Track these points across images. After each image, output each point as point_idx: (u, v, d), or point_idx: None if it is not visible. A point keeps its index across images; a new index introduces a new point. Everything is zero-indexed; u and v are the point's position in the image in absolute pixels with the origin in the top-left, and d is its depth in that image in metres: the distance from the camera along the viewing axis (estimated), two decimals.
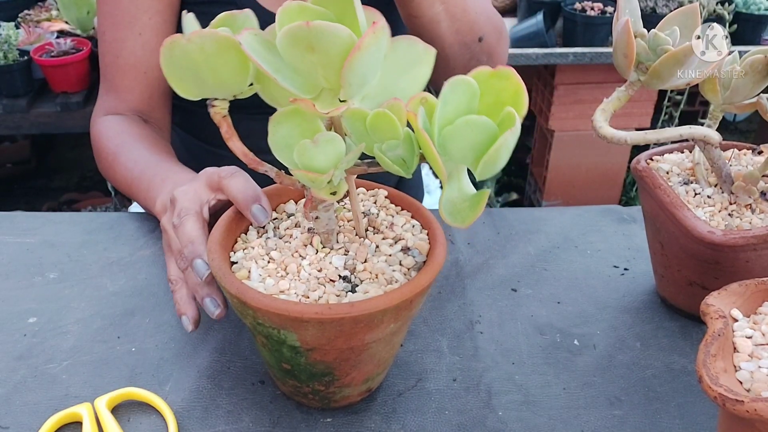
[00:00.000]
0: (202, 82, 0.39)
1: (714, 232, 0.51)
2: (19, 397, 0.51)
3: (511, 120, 0.35)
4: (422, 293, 0.43)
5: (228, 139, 0.42)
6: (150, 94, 0.76)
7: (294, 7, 0.36)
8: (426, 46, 0.39)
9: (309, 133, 0.39)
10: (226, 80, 0.39)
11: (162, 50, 0.37)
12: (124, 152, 0.70)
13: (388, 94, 0.38)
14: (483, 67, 0.37)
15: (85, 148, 2.39)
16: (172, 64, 0.38)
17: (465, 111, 0.37)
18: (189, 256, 0.50)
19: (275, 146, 0.40)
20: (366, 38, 0.34)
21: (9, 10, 1.87)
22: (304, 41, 0.34)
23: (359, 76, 0.36)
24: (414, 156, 0.38)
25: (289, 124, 0.40)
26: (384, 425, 0.49)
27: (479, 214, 0.37)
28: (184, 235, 0.50)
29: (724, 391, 0.34)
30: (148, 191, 0.64)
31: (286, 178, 0.43)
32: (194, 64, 0.37)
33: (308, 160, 0.39)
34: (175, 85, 0.39)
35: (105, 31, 0.75)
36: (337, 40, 0.34)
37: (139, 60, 0.74)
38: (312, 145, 0.38)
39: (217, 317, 0.50)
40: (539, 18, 1.77)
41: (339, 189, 0.41)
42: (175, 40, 0.37)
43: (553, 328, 0.59)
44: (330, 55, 0.34)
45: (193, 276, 0.50)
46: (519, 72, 0.37)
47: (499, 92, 0.37)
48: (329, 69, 0.35)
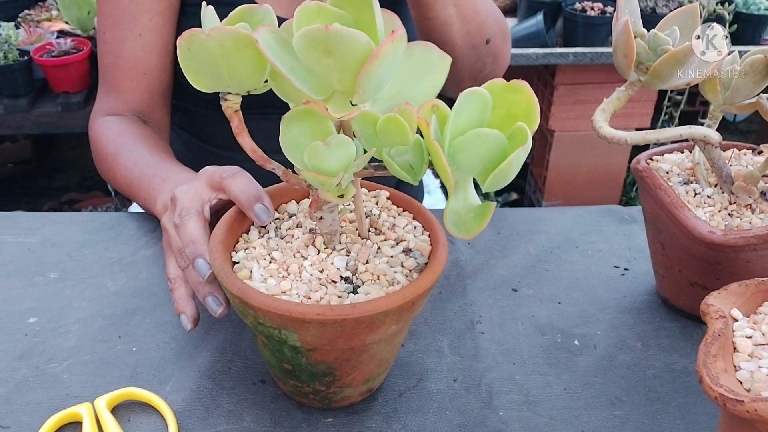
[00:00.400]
0: (218, 76, 0.39)
1: (714, 232, 0.51)
2: (19, 397, 0.51)
3: (523, 136, 0.35)
4: (424, 295, 0.43)
5: (238, 134, 0.42)
6: (150, 94, 0.76)
7: (312, 7, 0.36)
8: (441, 53, 0.39)
9: (320, 134, 0.39)
10: (242, 76, 0.39)
11: (180, 42, 0.37)
12: (124, 153, 0.70)
13: (400, 98, 0.38)
14: (497, 80, 0.38)
15: (86, 148, 2.39)
16: (190, 57, 0.38)
17: (477, 123, 0.37)
18: (191, 256, 0.50)
19: (286, 146, 0.40)
20: (384, 47, 0.34)
21: (9, 10, 1.87)
22: (321, 45, 0.34)
23: (374, 83, 0.36)
24: (423, 163, 0.38)
25: (301, 124, 0.40)
26: (385, 425, 0.49)
27: (484, 226, 0.37)
28: (186, 235, 0.50)
29: (724, 392, 0.34)
30: (148, 191, 0.64)
31: (293, 177, 0.43)
32: (212, 59, 0.37)
33: (319, 162, 0.39)
34: (190, 77, 0.39)
35: (105, 31, 0.75)
36: (355, 46, 0.34)
37: (139, 61, 0.74)
38: (324, 148, 0.38)
39: (219, 315, 0.50)
40: (539, 18, 1.77)
41: (347, 192, 0.41)
42: (195, 33, 0.37)
43: (554, 328, 0.59)
44: (346, 60, 0.34)
45: (194, 275, 0.50)
46: (519, 72, 0.37)
47: (512, 105, 0.37)
48: (344, 73, 0.35)
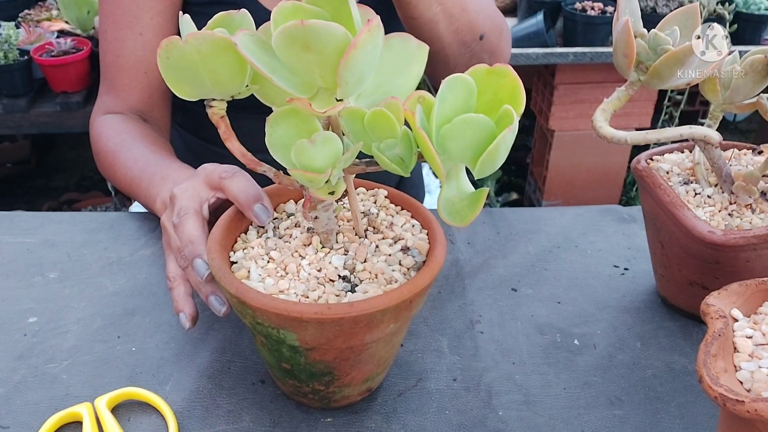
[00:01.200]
0: (200, 83, 0.39)
1: (714, 231, 0.51)
2: (19, 397, 0.51)
3: (509, 118, 0.35)
4: (422, 293, 0.43)
5: (226, 140, 0.42)
6: (150, 93, 0.76)
7: (288, 6, 0.36)
8: (419, 43, 0.39)
9: (306, 133, 0.39)
10: (224, 81, 0.39)
11: (159, 52, 0.37)
12: (124, 151, 0.70)
13: (383, 92, 0.38)
14: (480, 65, 0.38)
15: (86, 148, 2.39)
16: (170, 66, 0.38)
17: (463, 109, 0.37)
18: (189, 256, 0.50)
19: (272, 146, 0.40)
20: (361, 36, 0.34)
21: (9, 9, 1.87)
22: (299, 40, 0.34)
23: (356, 75, 0.36)
24: (412, 155, 0.38)
25: (286, 124, 0.40)
26: (384, 425, 0.49)
27: (478, 212, 0.37)
28: (184, 235, 0.50)
29: (724, 391, 0.34)
30: (148, 189, 0.64)
31: (285, 178, 0.43)
32: (192, 65, 0.37)
33: (306, 160, 0.39)
34: (173, 86, 0.39)
35: (106, 30, 0.75)
36: (333, 38, 0.34)
37: (140, 60, 0.74)
38: (309, 145, 0.38)
39: (223, 315, 0.50)
40: (539, 18, 1.77)
41: (337, 189, 0.41)
42: (172, 41, 0.37)
43: (554, 327, 0.59)
44: (326, 54, 0.34)
45: (195, 275, 0.50)
46: (519, 72, 0.37)
47: (497, 90, 0.37)
48: (325, 68, 0.35)
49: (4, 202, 2.24)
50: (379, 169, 0.40)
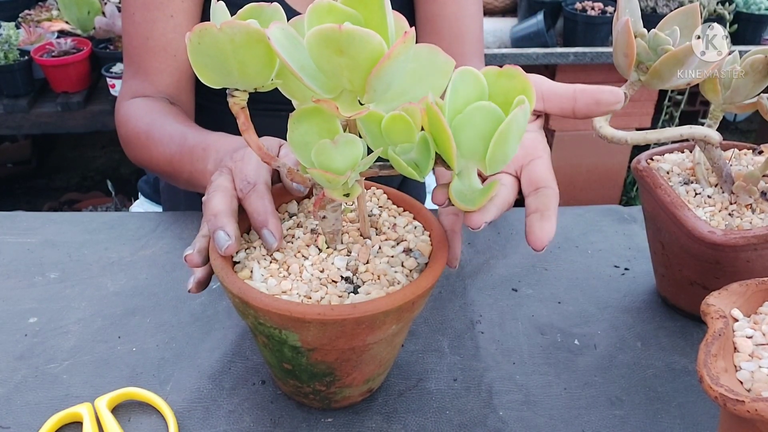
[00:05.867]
0: (227, 72, 0.38)
1: (714, 232, 0.51)
2: (19, 397, 0.51)
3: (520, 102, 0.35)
4: (424, 295, 0.43)
5: (244, 131, 0.42)
6: (178, 77, 0.75)
7: (324, 6, 0.36)
8: (446, 57, 0.39)
9: (327, 133, 0.39)
10: (251, 72, 0.39)
11: (191, 36, 0.37)
12: (157, 129, 0.68)
13: (404, 99, 0.39)
14: (491, 67, 0.38)
15: (86, 148, 2.40)
16: (200, 51, 0.38)
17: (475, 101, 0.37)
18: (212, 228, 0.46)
19: (294, 143, 0.40)
20: (397, 47, 0.34)
21: (9, 10, 1.87)
22: (334, 44, 0.34)
23: (385, 83, 0.36)
24: (429, 159, 0.38)
25: (309, 122, 0.40)
26: (385, 425, 0.49)
27: (489, 198, 0.38)
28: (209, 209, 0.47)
29: (724, 391, 0.34)
30: (192, 164, 0.61)
31: (297, 176, 0.43)
32: (222, 54, 0.37)
33: (327, 161, 0.39)
34: (199, 71, 0.39)
35: (134, 12, 0.73)
36: (368, 46, 0.34)
37: (170, 42, 0.73)
38: (331, 146, 0.38)
39: (225, 252, 0.45)
40: (540, 18, 1.77)
41: (353, 191, 0.40)
42: (207, 27, 0.36)
43: (554, 327, 0.59)
44: (358, 60, 0.34)
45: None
46: None
47: (508, 92, 0.37)
48: (355, 73, 0.35)
49: (4, 203, 2.24)
50: (393, 172, 0.40)
